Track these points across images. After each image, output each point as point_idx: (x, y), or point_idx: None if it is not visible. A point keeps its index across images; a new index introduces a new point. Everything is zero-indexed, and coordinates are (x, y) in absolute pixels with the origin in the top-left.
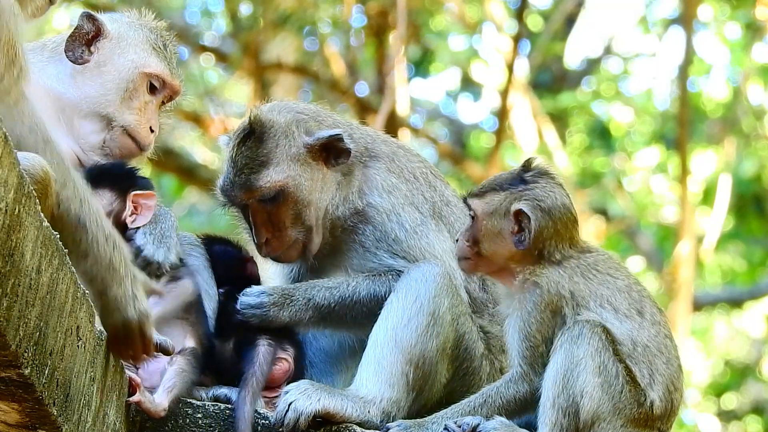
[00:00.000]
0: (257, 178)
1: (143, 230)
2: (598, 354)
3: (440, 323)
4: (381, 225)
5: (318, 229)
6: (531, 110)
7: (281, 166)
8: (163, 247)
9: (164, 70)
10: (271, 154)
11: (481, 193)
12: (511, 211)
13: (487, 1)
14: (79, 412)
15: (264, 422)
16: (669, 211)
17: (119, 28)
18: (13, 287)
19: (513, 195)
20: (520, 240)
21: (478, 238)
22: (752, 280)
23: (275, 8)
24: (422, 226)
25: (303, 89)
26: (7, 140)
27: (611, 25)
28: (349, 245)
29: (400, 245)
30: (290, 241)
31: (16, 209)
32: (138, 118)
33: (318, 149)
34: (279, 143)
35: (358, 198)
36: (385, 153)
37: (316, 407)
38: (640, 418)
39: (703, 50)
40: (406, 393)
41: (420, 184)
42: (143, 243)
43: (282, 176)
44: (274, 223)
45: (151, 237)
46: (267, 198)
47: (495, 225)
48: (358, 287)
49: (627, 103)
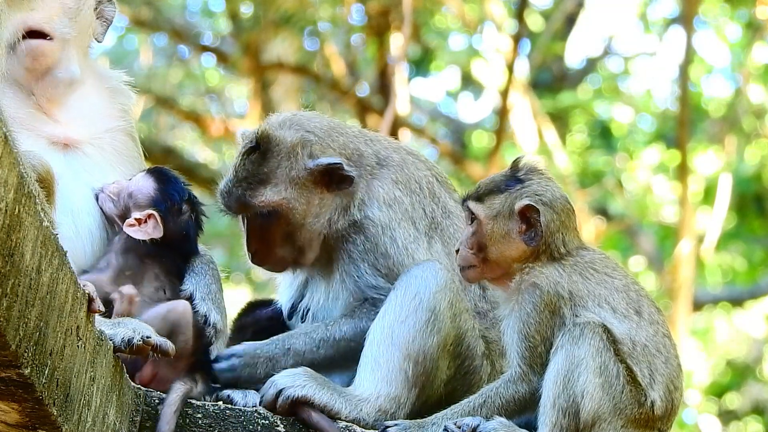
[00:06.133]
0: (253, 194)
1: (201, 295)
2: (599, 354)
3: (441, 319)
4: (373, 237)
5: (310, 247)
6: (531, 110)
7: (279, 187)
8: (220, 312)
9: None
10: (271, 174)
11: (480, 196)
12: (516, 209)
13: (487, 1)
14: (79, 412)
15: (264, 422)
16: (669, 210)
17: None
18: (13, 287)
19: (513, 194)
20: (531, 237)
21: (484, 242)
22: (753, 279)
23: (276, 8)
24: (414, 243)
25: (303, 89)
26: (7, 140)
27: (611, 25)
28: (338, 253)
29: (387, 261)
30: (277, 257)
31: (16, 209)
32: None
33: (319, 174)
34: (281, 164)
35: (358, 210)
36: (395, 162)
37: (298, 393)
38: (641, 418)
39: (704, 50)
40: (407, 389)
41: (423, 196)
42: (207, 310)
43: (278, 197)
44: (264, 237)
45: (210, 302)
46: (259, 214)
47: (501, 227)
48: (337, 326)
49: (627, 103)
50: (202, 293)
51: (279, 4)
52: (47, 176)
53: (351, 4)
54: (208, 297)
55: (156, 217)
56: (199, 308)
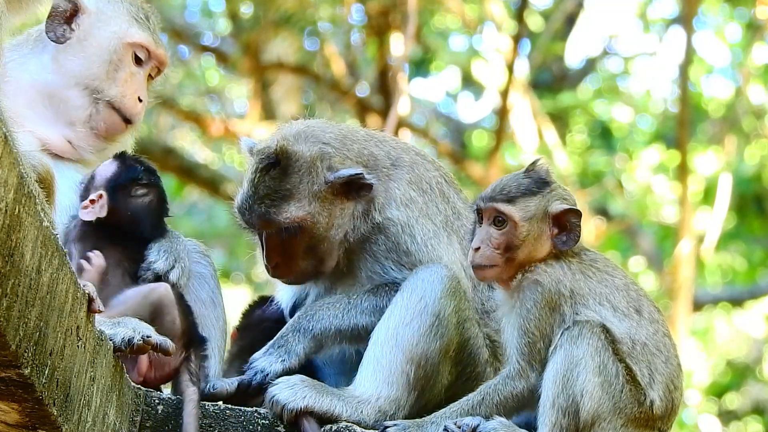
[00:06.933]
0: (278, 212)
1: (158, 247)
2: (597, 354)
3: (445, 324)
4: (394, 236)
5: (331, 257)
6: (531, 110)
7: (302, 202)
8: (177, 268)
9: (148, 40)
10: (294, 189)
11: (512, 198)
12: (551, 213)
13: (487, 1)
14: (79, 412)
15: (264, 422)
16: (669, 211)
17: (97, 3)
18: (13, 287)
19: (546, 197)
20: (565, 241)
21: (516, 244)
22: (752, 279)
23: (276, 8)
24: (434, 238)
25: (303, 89)
26: (7, 140)
27: (611, 25)
28: (360, 254)
29: (410, 258)
30: (299, 269)
31: (16, 209)
32: (123, 89)
33: (340, 186)
34: (303, 179)
35: (379, 213)
36: (406, 163)
37: (299, 405)
38: (641, 417)
39: (703, 50)
40: (407, 392)
41: (435, 196)
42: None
43: (302, 213)
44: (286, 251)
45: (165, 255)
46: (283, 230)
47: (536, 229)
48: (359, 299)
49: (627, 103)
50: (164, 253)
51: (279, 4)
52: (47, 176)
53: (351, 4)
54: (170, 254)
55: (105, 197)
56: (158, 267)
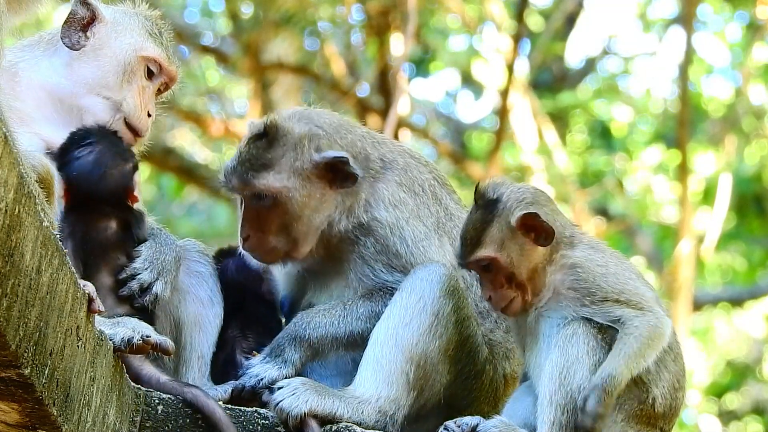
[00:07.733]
0: (255, 176)
1: (145, 255)
2: (594, 353)
3: (444, 323)
4: (383, 238)
5: (305, 241)
6: (531, 110)
7: (282, 174)
8: (161, 280)
9: (161, 55)
10: (274, 161)
11: (479, 241)
12: (514, 225)
13: (487, 1)
14: (79, 412)
15: (264, 422)
16: (669, 210)
17: (114, 14)
18: (13, 287)
19: (501, 215)
20: (544, 238)
21: (510, 271)
22: (752, 279)
23: (276, 8)
24: (425, 240)
25: (303, 89)
26: (7, 140)
27: (611, 25)
28: (348, 256)
29: (400, 260)
30: (270, 246)
31: (16, 209)
32: (137, 102)
33: (323, 168)
34: (286, 153)
35: (364, 212)
36: (399, 165)
37: (303, 409)
38: (642, 414)
39: (703, 50)
40: (407, 392)
41: (427, 198)
42: (151, 279)
43: (279, 184)
44: (260, 224)
45: (150, 265)
46: (258, 197)
47: (515, 246)
48: (354, 305)
49: (627, 103)
50: (149, 263)
51: (279, 4)
52: (47, 176)
53: (351, 4)
54: (154, 265)
55: (58, 180)
56: (143, 278)
